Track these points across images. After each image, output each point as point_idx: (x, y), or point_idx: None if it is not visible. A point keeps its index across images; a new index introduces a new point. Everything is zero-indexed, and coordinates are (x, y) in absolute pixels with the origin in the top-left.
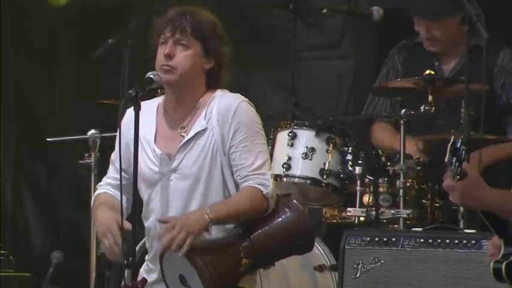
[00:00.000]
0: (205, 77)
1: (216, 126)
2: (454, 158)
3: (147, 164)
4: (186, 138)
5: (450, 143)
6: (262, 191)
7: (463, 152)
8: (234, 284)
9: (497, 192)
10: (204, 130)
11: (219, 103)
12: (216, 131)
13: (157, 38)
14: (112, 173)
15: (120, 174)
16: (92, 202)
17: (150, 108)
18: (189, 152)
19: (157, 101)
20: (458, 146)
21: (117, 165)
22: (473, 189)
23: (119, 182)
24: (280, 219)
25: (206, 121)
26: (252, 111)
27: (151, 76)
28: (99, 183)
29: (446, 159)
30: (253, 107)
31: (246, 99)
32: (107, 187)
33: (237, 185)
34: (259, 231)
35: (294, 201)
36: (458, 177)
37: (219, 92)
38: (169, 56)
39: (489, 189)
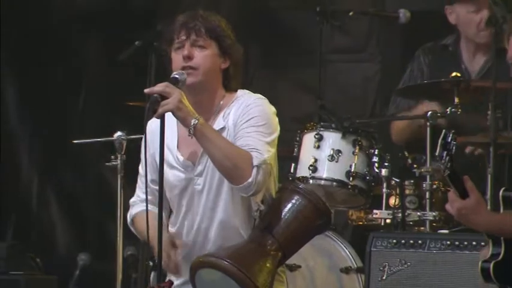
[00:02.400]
0: (221, 77)
1: (231, 126)
2: (445, 152)
3: (172, 172)
4: None
5: (441, 137)
6: (252, 158)
7: (453, 147)
8: (272, 283)
9: (492, 219)
10: (223, 129)
11: (237, 104)
12: (231, 131)
13: (169, 46)
14: (143, 187)
15: (146, 187)
16: (129, 217)
17: (170, 118)
18: None
19: None
20: (449, 140)
21: (144, 178)
22: (472, 212)
23: (151, 197)
24: (295, 206)
25: (224, 120)
26: (267, 108)
27: (177, 76)
28: (133, 200)
29: (436, 153)
30: (271, 106)
31: (265, 98)
32: (143, 204)
33: None
34: (279, 225)
35: (300, 184)
36: (448, 171)
37: (239, 93)
38: (188, 57)
39: (486, 215)
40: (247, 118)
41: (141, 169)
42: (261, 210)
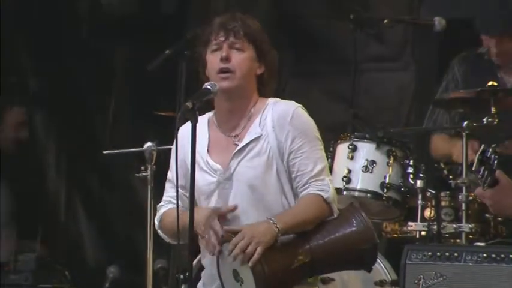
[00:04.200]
0: (256, 83)
1: (271, 133)
2: (482, 167)
3: (202, 175)
4: (240, 145)
5: (479, 152)
6: (323, 196)
7: (495, 162)
8: (288, 284)
9: None
10: (259, 137)
11: (273, 110)
12: (271, 138)
13: (205, 47)
14: (171, 191)
15: (177, 192)
16: (157, 221)
17: (201, 123)
18: (243, 159)
19: (208, 115)
20: (489, 155)
21: (175, 182)
22: (504, 195)
23: (180, 201)
24: (344, 228)
25: (261, 128)
26: (308, 117)
27: (209, 87)
28: (160, 204)
29: (473, 168)
30: (306, 112)
31: (300, 105)
32: (171, 205)
33: (295, 193)
34: (318, 234)
35: (363, 214)
36: (487, 186)
37: (271, 100)
38: (226, 59)
39: None
40: (296, 133)
41: (169, 174)
42: None
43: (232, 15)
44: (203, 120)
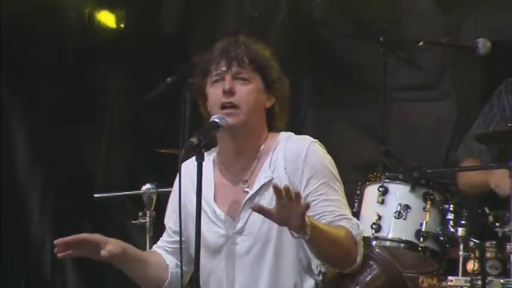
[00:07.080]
0: (265, 117)
1: (283, 176)
2: None
3: (209, 226)
4: (250, 193)
5: None
6: (352, 232)
7: None
8: None
9: None
10: (270, 181)
11: (284, 148)
12: (284, 181)
13: (204, 77)
14: (164, 236)
15: (180, 241)
16: None
17: (206, 163)
18: None
19: (213, 153)
20: None
21: (167, 228)
22: None
23: (169, 246)
24: (369, 276)
25: (271, 170)
26: (324, 153)
27: (217, 120)
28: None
29: None
30: (323, 148)
31: (316, 140)
32: (155, 249)
33: None
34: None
35: (377, 250)
36: None
37: (283, 135)
38: (230, 92)
39: None
40: (312, 173)
41: (166, 221)
42: (324, 272)
43: (234, 40)
44: (208, 159)
